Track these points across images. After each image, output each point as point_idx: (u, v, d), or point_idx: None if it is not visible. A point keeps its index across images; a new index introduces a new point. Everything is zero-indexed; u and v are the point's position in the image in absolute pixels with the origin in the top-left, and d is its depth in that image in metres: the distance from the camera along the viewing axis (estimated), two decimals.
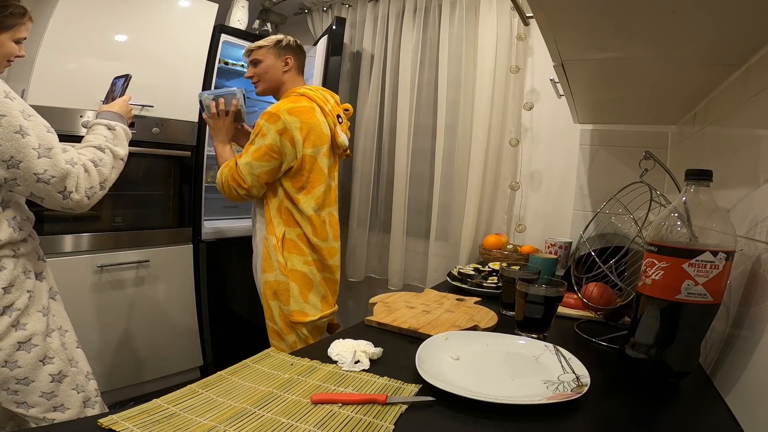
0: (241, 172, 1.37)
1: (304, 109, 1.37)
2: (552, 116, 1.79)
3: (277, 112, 1.34)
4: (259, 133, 1.35)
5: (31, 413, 0.95)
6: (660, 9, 0.58)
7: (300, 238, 1.43)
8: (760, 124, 0.68)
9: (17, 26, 1.00)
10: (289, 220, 1.42)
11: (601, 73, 0.92)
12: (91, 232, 1.80)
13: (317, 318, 1.43)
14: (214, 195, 2.41)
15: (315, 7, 2.45)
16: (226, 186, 1.40)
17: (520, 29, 1.81)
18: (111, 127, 1.10)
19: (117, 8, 1.79)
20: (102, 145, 1.05)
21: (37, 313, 0.97)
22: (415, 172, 2.15)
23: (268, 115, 1.35)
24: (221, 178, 1.41)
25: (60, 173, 0.91)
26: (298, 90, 1.45)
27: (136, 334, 1.95)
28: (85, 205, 0.99)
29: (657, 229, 0.67)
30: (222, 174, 1.41)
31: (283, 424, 0.54)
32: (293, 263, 1.41)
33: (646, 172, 0.95)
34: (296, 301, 1.41)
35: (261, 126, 1.35)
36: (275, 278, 1.41)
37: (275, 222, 1.42)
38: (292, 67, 1.49)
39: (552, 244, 1.56)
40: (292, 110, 1.35)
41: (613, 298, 0.98)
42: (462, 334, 0.84)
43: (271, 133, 1.33)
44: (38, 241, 1.08)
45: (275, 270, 1.41)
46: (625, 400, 0.66)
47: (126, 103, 1.20)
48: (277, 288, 1.41)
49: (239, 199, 1.42)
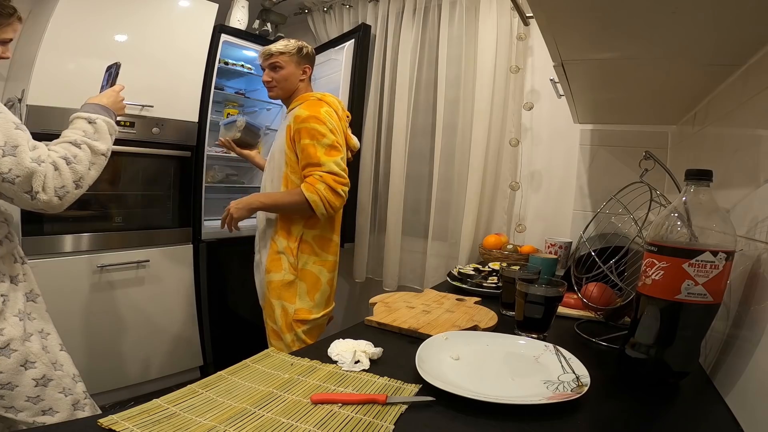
0: (336, 171, 1.33)
1: (331, 113, 1.41)
2: (552, 116, 1.79)
3: (316, 115, 1.36)
4: (315, 136, 1.34)
5: (20, 417, 0.93)
6: (660, 9, 0.58)
7: (316, 239, 1.43)
8: (760, 124, 0.68)
9: (3, 27, 0.96)
10: (312, 221, 1.41)
11: (601, 73, 0.92)
12: (91, 232, 1.81)
13: (320, 316, 1.45)
14: (214, 195, 2.41)
15: (315, 7, 2.45)
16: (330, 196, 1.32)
17: (520, 29, 1.81)
18: (91, 120, 1.02)
19: (117, 8, 1.79)
20: (78, 141, 0.97)
21: (13, 318, 0.94)
22: (414, 172, 2.15)
23: (315, 119, 1.35)
24: (319, 196, 1.31)
25: (24, 172, 0.85)
26: (315, 95, 1.47)
27: (136, 334, 1.95)
28: (56, 205, 0.92)
29: (657, 229, 0.67)
30: (318, 193, 1.31)
31: (283, 424, 0.54)
32: (305, 263, 1.42)
33: (646, 172, 0.95)
34: (302, 300, 1.42)
35: (315, 129, 1.34)
36: (282, 278, 1.41)
37: (294, 222, 1.42)
38: (308, 77, 1.52)
39: (552, 244, 1.56)
40: (327, 112, 1.39)
41: (613, 298, 0.98)
42: (462, 334, 0.84)
43: (327, 133, 1.35)
44: (17, 243, 1.03)
45: (283, 270, 1.41)
46: (625, 400, 0.66)
47: (116, 94, 1.13)
48: (283, 287, 1.41)
49: (345, 199, 1.37)
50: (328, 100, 1.46)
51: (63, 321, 1.71)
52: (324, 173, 1.32)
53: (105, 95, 1.11)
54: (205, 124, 2.09)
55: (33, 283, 1.06)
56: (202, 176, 2.11)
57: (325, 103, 1.43)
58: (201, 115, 2.07)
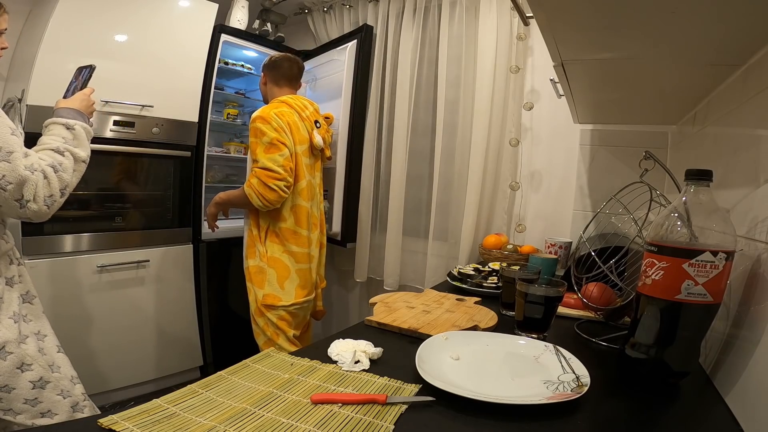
0: (269, 167, 1.46)
1: (283, 113, 1.56)
2: (552, 116, 1.79)
3: (262, 115, 1.52)
4: (257, 135, 1.50)
5: (18, 420, 0.93)
6: (660, 9, 0.58)
7: (283, 231, 1.59)
8: (760, 124, 0.68)
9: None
10: (274, 214, 1.57)
11: (601, 73, 0.92)
12: (91, 232, 1.81)
13: (289, 304, 1.57)
14: (214, 195, 2.41)
15: (315, 7, 2.45)
16: (263, 190, 1.47)
17: (520, 29, 1.81)
18: (69, 126, 1.00)
19: (117, 8, 1.79)
20: (60, 148, 0.95)
21: (7, 320, 0.93)
22: (414, 172, 2.15)
23: (260, 119, 1.51)
24: (253, 190, 1.48)
25: (17, 179, 0.84)
26: (280, 98, 1.66)
27: (136, 334, 1.95)
28: (44, 214, 0.91)
29: (657, 229, 0.67)
30: (252, 187, 1.48)
31: (283, 424, 0.54)
32: (273, 251, 1.58)
33: (646, 172, 0.95)
34: (271, 286, 1.56)
35: (258, 128, 1.50)
36: (256, 264, 1.59)
37: (262, 214, 1.58)
38: (265, 82, 1.77)
39: (552, 244, 1.56)
40: (279, 113, 1.54)
41: (613, 298, 0.98)
42: (462, 334, 0.84)
43: (268, 131, 1.49)
44: (12, 244, 1.02)
45: (257, 257, 1.59)
46: (625, 400, 0.66)
47: (86, 97, 1.09)
48: (255, 273, 1.58)
49: (282, 194, 1.49)
50: (289, 101, 1.64)
51: (63, 321, 1.72)
52: (258, 169, 1.48)
53: (77, 99, 1.07)
54: (205, 124, 2.09)
55: (29, 284, 1.05)
56: (202, 176, 2.11)
57: (285, 104, 1.61)
58: (201, 115, 2.07)
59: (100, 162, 1.80)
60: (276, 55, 1.78)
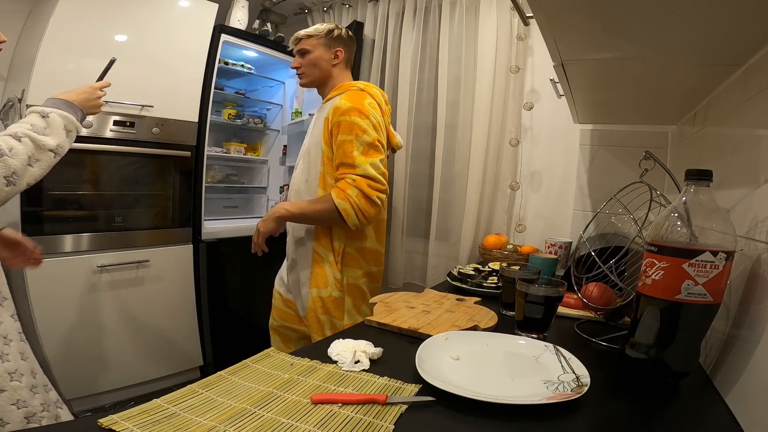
0: (372, 174, 1.19)
1: (375, 106, 1.27)
2: (552, 116, 1.79)
3: (359, 107, 1.22)
4: (353, 131, 1.20)
5: None
6: (660, 9, 0.58)
7: (360, 251, 1.33)
8: (760, 124, 0.68)
9: None
10: (353, 232, 1.29)
11: (601, 73, 0.92)
12: (91, 232, 1.81)
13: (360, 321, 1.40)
14: (214, 195, 2.41)
15: (315, 7, 2.45)
16: (364, 204, 1.18)
17: (520, 29, 1.81)
18: (44, 114, 0.95)
19: (117, 8, 1.80)
20: (19, 133, 0.88)
21: None
22: (415, 172, 2.15)
23: (357, 112, 1.21)
24: (350, 204, 1.17)
25: None
26: (358, 84, 1.34)
27: (136, 334, 1.95)
28: None
29: (657, 229, 0.67)
30: (349, 200, 1.18)
31: (283, 424, 0.54)
32: (350, 278, 1.31)
33: (646, 172, 0.95)
34: (350, 316, 1.32)
35: (356, 123, 1.20)
36: (329, 294, 1.30)
37: (334, 235, 1.29)
38: (341, 61, 1.38)
39: (552, 244, 1.56)
40: (371, 105, 1.25)
41: (613, 298, 0.98)
42: (462, 334, 0.84)
43: (369, 129, 1.20)
44: None
45: (330, 286, 1.29)
46: (625, 400, 0.66)
47: (92, 90, 1.05)
48: (331, 303, 1.30)
49: (383, 209, 1.23)
50: (372, 91, 1.32)
51: (63, 321, 1.73)
52: (358, 177, 1.18)
53: (78, 90, 1.04)
54: (205, 124, 2.09)
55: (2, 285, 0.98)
56: (202, 176, 2.11)
57: (368, 94, 1.29)
58: (201, 115, 2.07)
59: (100, 162, 1.81)
60: (341, 27, 1.41)
